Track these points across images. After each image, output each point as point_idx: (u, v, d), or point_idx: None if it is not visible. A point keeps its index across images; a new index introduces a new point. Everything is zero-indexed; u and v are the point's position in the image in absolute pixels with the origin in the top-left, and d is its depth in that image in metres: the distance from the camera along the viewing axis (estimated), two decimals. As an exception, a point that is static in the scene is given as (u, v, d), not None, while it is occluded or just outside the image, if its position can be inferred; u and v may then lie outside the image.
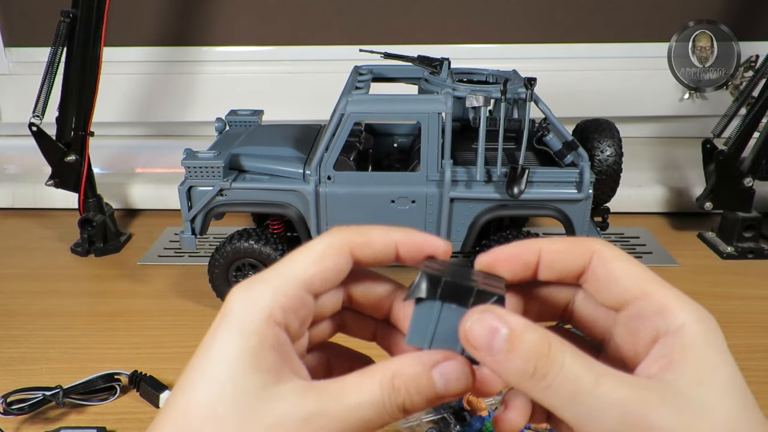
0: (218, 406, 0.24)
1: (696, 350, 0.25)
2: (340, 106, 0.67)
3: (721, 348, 0.26)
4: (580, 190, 0.68)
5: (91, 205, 0.88)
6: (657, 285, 0.27)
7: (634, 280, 0.27)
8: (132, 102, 1.10)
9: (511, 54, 1.08)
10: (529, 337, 0.24)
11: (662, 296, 0.26)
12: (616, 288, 0.27)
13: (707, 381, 0.24)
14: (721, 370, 0.25)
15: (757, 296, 0.77)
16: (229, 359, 0.25)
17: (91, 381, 0.58)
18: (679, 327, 0.25)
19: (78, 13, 0.78)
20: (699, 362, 0.25)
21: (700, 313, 0.26)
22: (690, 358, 0.25)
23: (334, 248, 0.28)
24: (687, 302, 0.27)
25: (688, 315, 0.26)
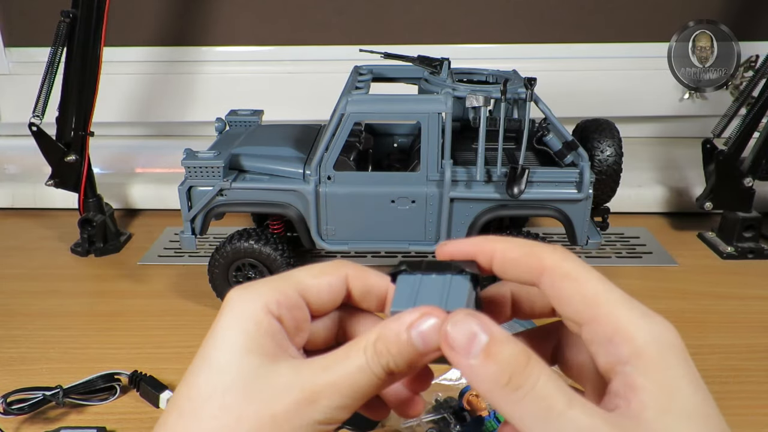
0: (219, 386, 0.26)
1: (655, 375, 0.24)
2: (340, 106, 0.67)
3: (681, 366, 0.24)
4: (580, 190, 0.68)
5: (91, 205, 0.88)
6: (607, 306, 0.25)
7: (584, 301, 0.25)
8: (132, 102, 1.10)
9: (511, 54, 1.08)
10: (509, 347, 0.24)
11: (612, 320, 0.25)
12: (568, 309, 0.26)
13: (669, 408, 0.23)
14: (683, 393, 0.23)
15: (757, 296, 0.77)
16: (229, 345, 0.27)
17: (91, 381, 0.58)
18: (633, 353, 0.24)
19: (78, 13, 0.78)
20: (659, 388, 0.23)
21: (654, 331, 0.24)
22: (650, 385, 0.23)
23: (332, 269, 0.30)
24: (640, 320, 0.25)
25: (641, 337, 0.24)
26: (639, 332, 0.24)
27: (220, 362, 0.27)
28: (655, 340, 0.24)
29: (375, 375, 0.26)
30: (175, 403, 0.27)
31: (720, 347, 0.67)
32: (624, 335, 0.24)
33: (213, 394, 0.26)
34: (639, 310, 0.25)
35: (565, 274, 0.26)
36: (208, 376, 0.27)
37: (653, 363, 0.24)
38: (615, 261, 0.86)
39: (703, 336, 0.69)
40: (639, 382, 0.24)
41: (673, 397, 0.23)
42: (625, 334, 0.24)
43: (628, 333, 0.24)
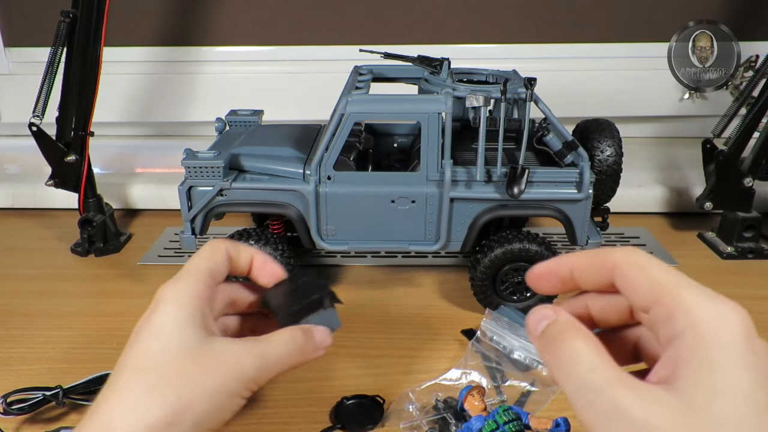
0: (172, 348, 0.36)
1: (703, 350, 0.24)
2: (340, 106, 0.67)
3: (737, 346, 0.24)
4: (580, 190, 0.68)
5: (91, 205, 0.88)
6: (672, 288, 0.26)
7: (650, 287, 0.27)
8: (132, 102, 1.10)
9: (511, 54, 1.08)
10: (559, 325, 0.29)
11: (674, 299, 0.26)
12: (637, 296, 0.27)
13: (706, 383, 0.24)
14: (728, 371, 0.24)
15: (757, 296, 0.77)
16: (171, 321, 0.37)
17: (91, 381, 0.57)
18: (688, 327, 0.25)
19: (78, 13, 0.78)
20: (703, 362, 0.24)
21: (716, 311, 0.25)
22: (693, 358, 0.24)
23: (217, 249, 0.42)
24: (703, 299, 0.26)
25: (700, 313, 0.25)
26: (699, 309, 0.25)
27: (167, 332, 0.36)
28: (715, 318, 0.25)
29: (294, 355, 0.39)
30: (128, 362, 0.36)
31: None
32: (683, 311, 0.25)
33: (167, 354, 0.35)
34: (705, 292, 0.26)
35: (633, 264, 0.28)
36: (158, 343, 0.36)
37: (705, 338, 0.24)
38: (615, 261, 0.86)
39: (703, 336, 0.68)
40: (684, 355, 0.24)
41: (714, 373, 0.23)
42: (684, 310, 0.25)
43: (687, 309, 0.25)
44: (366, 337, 0.69)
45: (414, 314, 0.73)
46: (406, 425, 0.54)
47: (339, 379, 0.61)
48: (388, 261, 0.85)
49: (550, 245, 0.70)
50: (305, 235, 0.71)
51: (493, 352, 0.60)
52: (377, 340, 0.68)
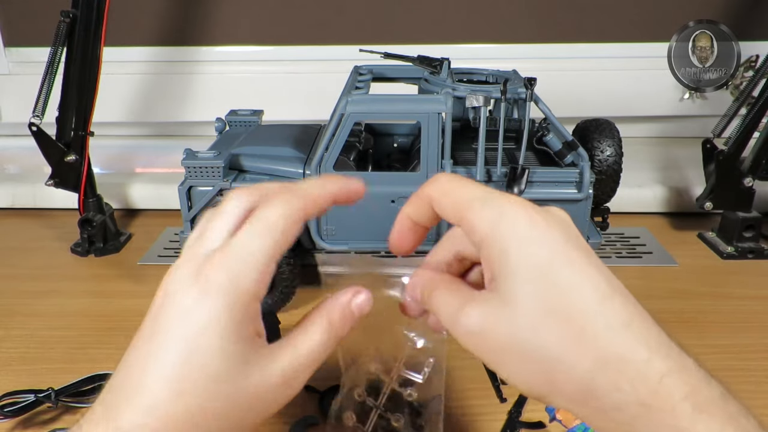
0: (210, 378, 0.30)
1: (495, 249, 0.29)
2: (340, 106, 0.67)
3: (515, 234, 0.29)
4: (580, 190, 0.68)
5: (91, 205, 0.88)
6: (466, 206, 0.30)
7: (453, 211, 0.31)
8: (132, 102, 1.10)
9: (511, 54, 1.08)
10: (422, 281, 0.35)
11: (469, 216, 0.30)
12: (452, 222, 0.32)
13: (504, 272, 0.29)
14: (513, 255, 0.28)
15: (757, 296, 0.77)
16: (218, 337, 0.30)
17: (82, 381, 0.57)
18: (482, 237, 0.29)
19: (78, 13, 0.78)
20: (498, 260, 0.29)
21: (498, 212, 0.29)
22: (494, 259, 0.29)
23: (291, 222, 0.33)
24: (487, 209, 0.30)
25: (487, 222, 0.29)
26: (486, 214, 0.30)
27: (210, 346, 0.30)
28: (499, 217, 0.29)
29: (331, 344, 0.35)
30: (166, 375, 0.29)
31: (720, 347, 0.67)
32: (477, 222, 0.30)
33: (207, 379, 0.29)
34: (485, 200, 0.30)
35: (439, 192, 0.32)
36: (199, 360, 0.29)
37: (495, 237, 0.29)
38: (615, 261, 0.86)
39: (703, 336, 0.69)
40: (489, 255, 0.29)
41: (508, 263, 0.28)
42: (478, 220, 0.30)
43: (481, 218, 0.30)
44: (366, 337, 0.69)
45: (414, 314, 0.73)
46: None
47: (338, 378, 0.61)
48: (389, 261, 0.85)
49: (550, 245, 0.70)
50: (305, 235, 0.71)
51: None
52: (377, 340, 0.68)
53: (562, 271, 0.28)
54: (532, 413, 0.56)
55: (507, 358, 0.29)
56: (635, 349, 0.26)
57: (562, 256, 0.28)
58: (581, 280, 0.28)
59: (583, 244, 0.30)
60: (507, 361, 0.29)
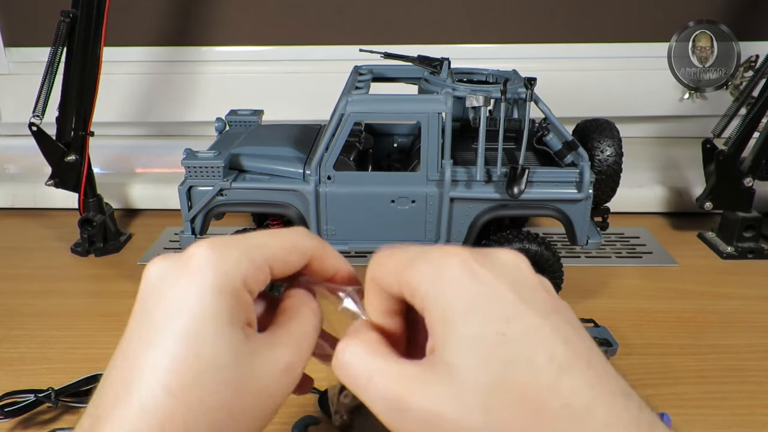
0: (209, 369, 0.27)
1: (436, 316, 0.26)
2: (340, 106, 0.67)
3: (457, 295, 0.25)
4: (580, 190, 0.68)
5: (91, 205, 0.88)
6: (406, 270, 0.27)
7: (395, 277, 0.28)
8: (132, 102, 1.10)
9: (511, 54, 1.08)
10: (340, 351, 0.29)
11: (410, 279, 0.27)
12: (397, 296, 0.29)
13: (447, 345, 0.25)
14: (455, 324, 0.25)
15: (757, 296, 0.77)
16: (211, 321, 0.27)
17: (82, 381, 0.57)
18: (423, 301, 0.26)
19: (78, 13, 0.78)
20: (440, 329, 0.25)
21: (436, 271, 0.26)
22: (436, 327, 0.26)
23: (301, 246, 0.32)
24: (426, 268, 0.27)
25: (427, 282, 0.26)
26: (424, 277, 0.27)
27: (206, 331, 0.27)
28: (430, 282, 0.26)
29: (318, 331, 0.32)
30: (160, 365, 0.27)
31: (720, 347, 0.67)
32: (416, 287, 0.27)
33: (206, 368, 0.27)
34: (424, 259, 0.27)
35: (379, 266, 0.29)
36: (196, 348, 0.27)
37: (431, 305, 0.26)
38: (615, 261, 0.86)
39: (703, 336, 0.69)
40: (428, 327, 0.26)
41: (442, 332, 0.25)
42: (416, 285, 0.27)
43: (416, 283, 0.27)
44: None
45: (414, 314, 0.73)
46: None
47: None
48: (388, 261, 0.85)
49: (550, 245, 0.70)
50: (305, 235, 0.70)
51: None
52: (377, 340, 0.68)
53: (511, 342, 0.24)
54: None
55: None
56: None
57: (512, 322, 0.25)
58: (534, 350, 0.24)
59: (539, 297, 0.26)
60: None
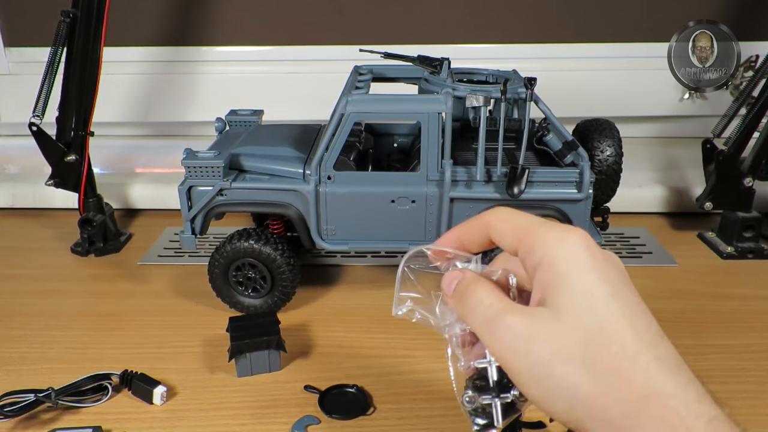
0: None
1: (554, 270, 0.30)
2: (340, 106, 0.67)
3: (575, 258, 0.30)
4: (580, 190, 0.68)
5: (91, 205, 0.88)
6: (527, 230, 0.32)
7: (512, 233, 0.33)
8: (132, 102, 1.10)
9: (511, 54, 1.08)
10: (465, 280, 0.34)
11: (529, 238, 0.31)
12: (507, 244, 0.33)
13: (560, 291, 0.29)
14: (572, 277, 0.29)
15: (757, 296, 0.77)
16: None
17: (82, 381, 0.57)
18: (542, 257, 0.30)
19: (78, 13, 0.78)
20: (556, 280, 0.30)
21: (559, 237, 0.31)
22: (552, 278, 0.30)
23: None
24: (550, 233, 0.31)
25: (547, 243, 0.31)
26: (548, 238, 0.31)
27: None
28: (560, 241, 0.30)
29: None
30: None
31: (720, 347, 0.67)
32: (538, 243, 0.31)
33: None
34: (552, 225, 0.32)
35: (499, 218, 0.34)
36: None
37: (556, 258, 0.30)
38: (615, 261, 0.86)
39: (703, 336, 0.69)
40: (545, 276, 0.30)
41: (566, 281, 0.29)
42: (539, 242, 0.31)
43: (541, 241, 0.31)
44: (366, 337, 0.69)
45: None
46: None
47: (338, 379, 0.61)
48: (388, 261, 0.85)
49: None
50: (305, 235, 0.71)
51: None
52: (377, 340, 0.68)
53: (616, 304, 0.29)
54: (532, 413, 0.56)
55: (543, 372, 0.28)
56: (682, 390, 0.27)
57: (618, 291, 0.29)
58: (634, 317, 0.29)
59: (634, 289, 0.31)
60: (540, 376, 0.29)
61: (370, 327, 0.70)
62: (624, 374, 0.27)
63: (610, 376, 0.27)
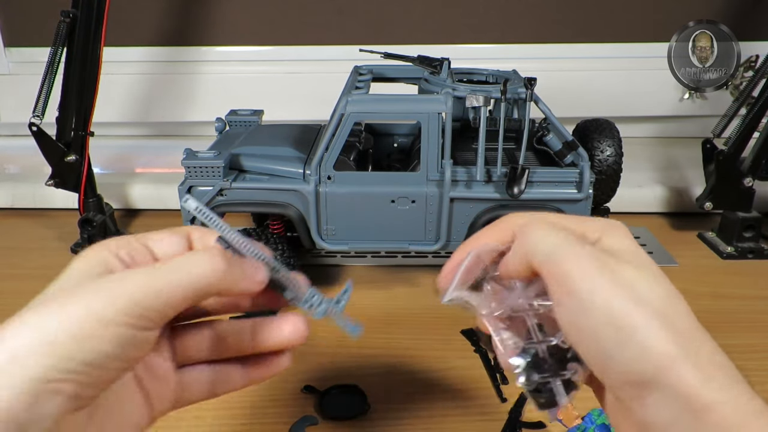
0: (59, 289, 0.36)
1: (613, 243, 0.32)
2: (340, 106, 0.67)
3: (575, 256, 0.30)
4: (580, 190, 0.68)
5: (91, 205, 0.88)
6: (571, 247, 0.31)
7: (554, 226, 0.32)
8: (132, 102, 1.10)
9: (511, 54, 1.08)
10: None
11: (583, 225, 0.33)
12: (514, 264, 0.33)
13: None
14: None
15: (757, 296, 0.77)
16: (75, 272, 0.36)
17: None
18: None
19: (78, 13, 0.78)
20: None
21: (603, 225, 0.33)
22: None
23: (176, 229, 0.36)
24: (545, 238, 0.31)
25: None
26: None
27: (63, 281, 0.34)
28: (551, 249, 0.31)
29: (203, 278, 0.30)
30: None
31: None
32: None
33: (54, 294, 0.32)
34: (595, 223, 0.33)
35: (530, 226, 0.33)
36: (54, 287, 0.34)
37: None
38: (615, 261, 0.86)
39: (703, 336, 0.68)
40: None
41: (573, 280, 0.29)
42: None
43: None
44: (366, 337, 0.68)
45: (414, 314, 0.73)
46: None
47: (338, 378, 0.61)
48: (388, 261, 0.85)
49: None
50: (305, 235, 0.71)
51: None
52: (377, 340, 0.68)
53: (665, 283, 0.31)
54: (532, 413, 0.56)
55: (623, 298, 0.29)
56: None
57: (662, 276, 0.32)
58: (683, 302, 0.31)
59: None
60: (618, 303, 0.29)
61: (370, 327, 0.70)
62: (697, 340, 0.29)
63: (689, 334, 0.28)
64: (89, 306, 0.29)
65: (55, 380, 0.26)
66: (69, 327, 0.28)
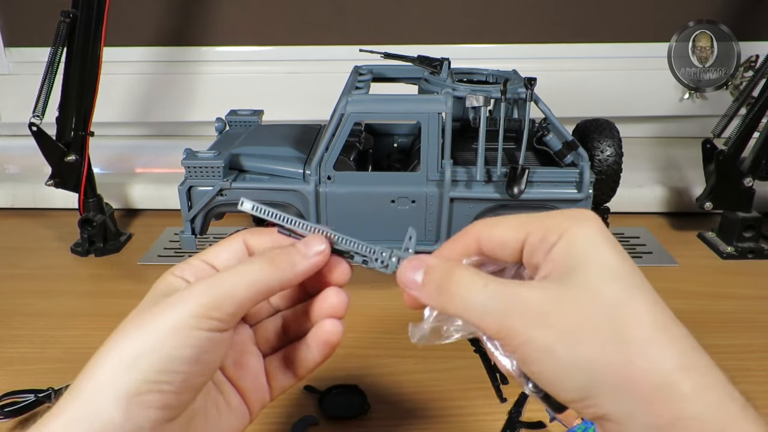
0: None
1: (574, 246, 0.29)
2: (340, 106, 0.67)
3: (596, 236, 0.29)
4: (580, 190, 0.68)
5: (91, 205, 0.88)
6: (535, 219, 0.31)
7: (516, 230, 0.31)
8: (132, 102, 1.10)
9: (511, 54, 1.08)
10: (439, 266, 0.32)
11: (542, 225, 0.31)
12: (507, 247, 0.32)
13: (581, 264, 0.29)
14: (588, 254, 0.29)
15: (757, 296, 0.77)
16: None
17: None
18: (558, 238, 0.30)
19: (78, 13, 0.78)
20: (576, 255, 0.29)
21: (576, 217, 0.30)
22: (565, 255, 0.29)
23: (229, 239, 0.39)
24: (564, 215, 0.31)
25: (566, 226, 0.30)
26: (563, 222, 0.30)
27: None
28: (576, 223, 0.30)
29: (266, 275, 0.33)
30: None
31: (720, 347, 0.66)
32: (553, 229, 0.30)
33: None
34: (558, 212, 0.31)
35: (491, 225, 0.33)
36: None
37: (572, 238, 0.29)
38: (615, 261, 0.86)
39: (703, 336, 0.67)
40: (558, 255, 0.29)
41: (582, 257, 0.29)
42: (551, 228, 0.30)
43: (554, 226, 0.30)
44: (366, 337, 0.69)
45: (414, 314, 0.73)
46: None
47: (338, 379, 0.61)
48: (388, 261, 0.85)
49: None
50: (305, 235, 0.70)
51: None
52: (377, 340, 0.68)
53: (639, 281, 0.30)
54: (532, 413, 0.56)
55: (565, 344, 0.27)
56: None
57: (638, 272, 0.30)
58: (654, 296, 0.31)
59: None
60: (560, 350, 0.27)
61: (370, 327, 0.70)
62: (656, 346, 0.28)
63: (640, 346, 0.27)
64: (162, 318, 0.32)
65: (143, 392, 0.29)
66: (145, 341, 0.31)
